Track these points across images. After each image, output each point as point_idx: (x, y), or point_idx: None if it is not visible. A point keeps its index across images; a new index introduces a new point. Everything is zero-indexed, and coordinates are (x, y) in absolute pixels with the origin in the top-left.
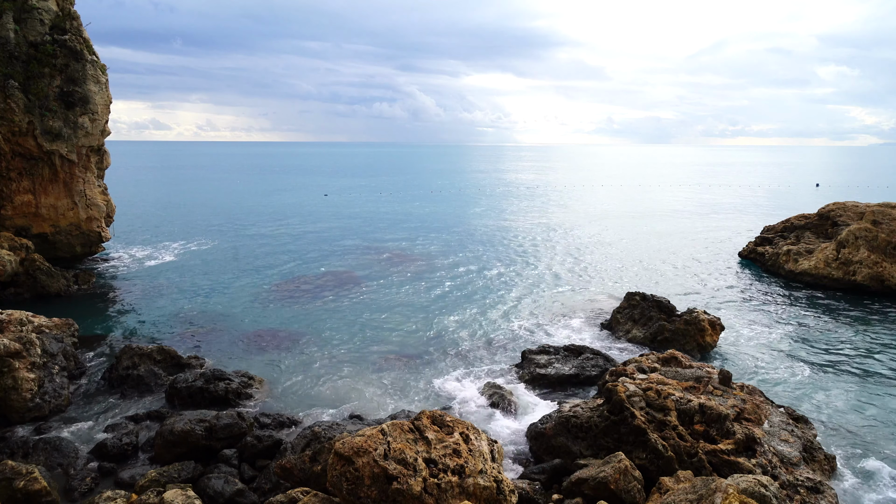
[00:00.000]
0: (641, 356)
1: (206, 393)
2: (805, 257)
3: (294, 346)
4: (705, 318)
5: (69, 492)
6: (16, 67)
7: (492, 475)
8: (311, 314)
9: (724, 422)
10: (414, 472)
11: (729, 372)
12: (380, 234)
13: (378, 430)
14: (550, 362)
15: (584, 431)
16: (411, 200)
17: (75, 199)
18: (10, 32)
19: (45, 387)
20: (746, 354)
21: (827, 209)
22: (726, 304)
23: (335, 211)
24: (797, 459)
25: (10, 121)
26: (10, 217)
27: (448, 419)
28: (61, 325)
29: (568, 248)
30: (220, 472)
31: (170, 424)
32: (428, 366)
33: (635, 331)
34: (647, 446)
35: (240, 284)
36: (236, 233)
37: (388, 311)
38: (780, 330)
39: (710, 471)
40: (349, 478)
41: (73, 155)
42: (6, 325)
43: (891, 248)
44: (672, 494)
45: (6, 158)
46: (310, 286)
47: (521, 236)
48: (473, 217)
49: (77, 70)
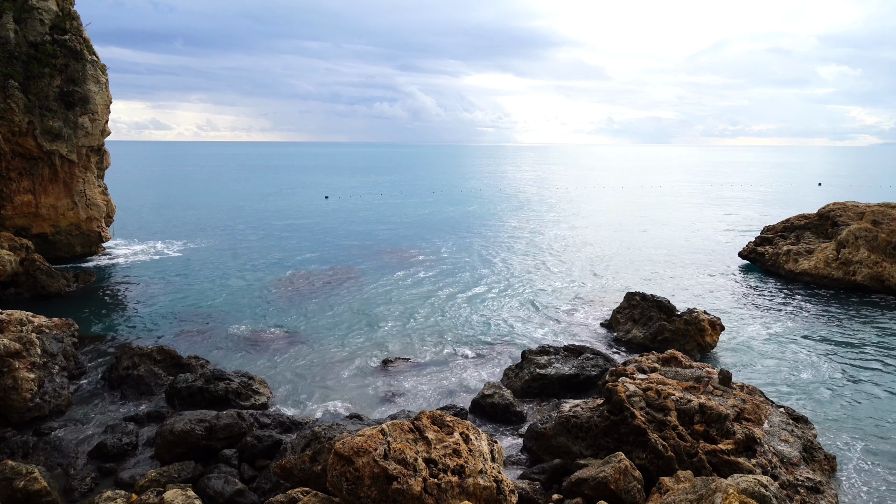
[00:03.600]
0: (641, 356)
1: (206, 393)
2: (805, 257)
3: (294, 346)
4: (705, 318)
5: (69, 492)
6: (16, 67)
7: (492, 475)
8: (311, 314)
9: (724, 422)
10: (414, 472)
11: (729, 372)
12: (380, 234)
13: (378, 430)
14: (550, 362)
15: (584, 431)
16: (411, 200)
17: (75, 199)
18: (10, 32)
19: (45, 387)
20: (746, 354)
21: (827, 209)
22: (726, 304)
23: (335, 211)
24: (797, 459)
25: (10, 121)
26: (10, 217)
27: (448, 419)
28: (61, 325)
29: (568, 247)
30: (220, 472)
31: (170, 424)
32: (428, 365)
33: (635, 331)
34: (647, 446)
35: (240, 284)
36: (236, 233)
37: (388, 311)
38: (780, 330)
39: (710, 471)
40: (349, 478)
41: (73, 155)
42: (6, 325)
43: (891, 248)
44: (672, 494)
45: (6, 158)
46: (310, 286)
47: (522, 236)
48: (474, 217)
49: (77, 70)
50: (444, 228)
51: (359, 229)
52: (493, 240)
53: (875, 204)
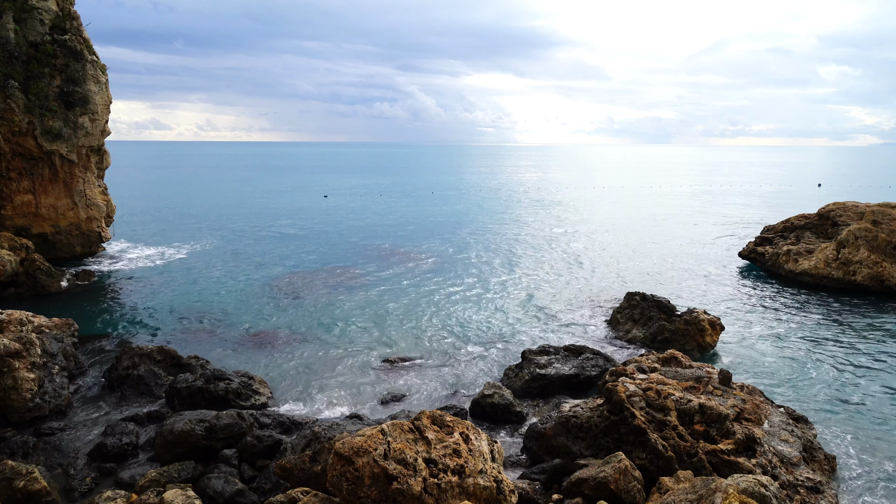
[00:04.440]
0: (641, 356)
1: (206, 393)
2: (805, 257)
3: (294, 346)
4: (705, 318)
5: (69, 492)
6: (16, 67)
7: (492, 475)
8: (311, 314)
9: (724, 422)
10: (414, 472)
11: (729, 372)
12: (380, 235)
13: (378, 430)
14: (550, 362)
15: (584, 431)
16: (412, 200)
17: (75, 199)
18: (10, 32)
19: (45, 387)
20: (746, 354)
21: (827, 209)
22: (726, 304)
23: (335, 211)
24: (797, 459)
25: (10, 121)
26: (10, 217)
27: (448, 419)
28: (61, 325)
29: (568, 247)
30: (220, 472)
31: (170, 424)
32: (428, 365)
33: (635, 331)
34: (647, 446)
35: (240, 284)
36: (236, 232)
37: (388, 311)
38: (780, 330)
39: (710, 471)
40: (349, 478)
41: (73, 155)
42: (6, 325)
43: (891, 248)
44: (672, 494)
45: (6, 158)
46: (310, 286)
47: (521, 236)
48: (473, 217)
49: (77, 70)
50: (443, 228)
51: (359, 229)
52: (492, 240)
53: (875, 204)
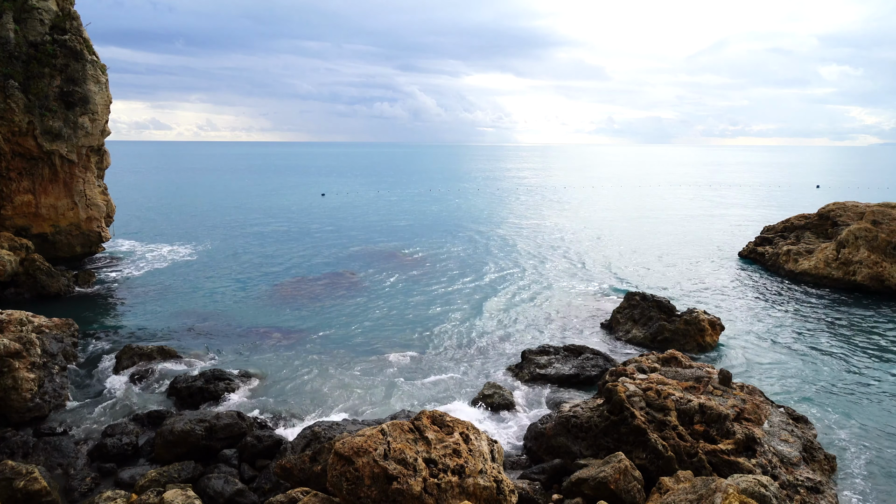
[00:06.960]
0: (641, 356)
1: (206, 393)
2: (805, 257)
3: (294, 345)
4: (705, 318)
5: (69, 492)
6: (16, 67)
7: (492, 475)
8: (311, 314)
9: (723, 422)
10: (414, 472)
11: (729, 372)
12: (379, 235)
13: (378, 430)
14: (550, 362)
15: (584, 431)
16: (412, 200)
17: (75, 199)
18: (10, 32)
19: (45, 387)
20: (746, 354)
21: (827, 209)
22: (726, 304)
23: (335, 211)
24: (797, 459)
25: (10, 121)
26: (10, 217)
27: (448, 419)
28: (61, 325)
29: (568, 248)
30: (220, 472)
31: (170, 424)
32: (428, 366)
33: (635, 331)
34: (647, 446)
35: (240, 284)
36: (236, 233)
37: (387, 311)
38: (780, 330)
39: (710, 471)
40: (349, 478)
41: (73, 155)
42: (6, 325)
43: (891, 248)
44: (672, 494)
45: (6, 158)
46: (309, 286)
47: (521, 236)
48: (473, 217)
49: (77, 70)
50: (443, 228)
51: (359, 230)
52: (492, 239)
53: (875, 204)
